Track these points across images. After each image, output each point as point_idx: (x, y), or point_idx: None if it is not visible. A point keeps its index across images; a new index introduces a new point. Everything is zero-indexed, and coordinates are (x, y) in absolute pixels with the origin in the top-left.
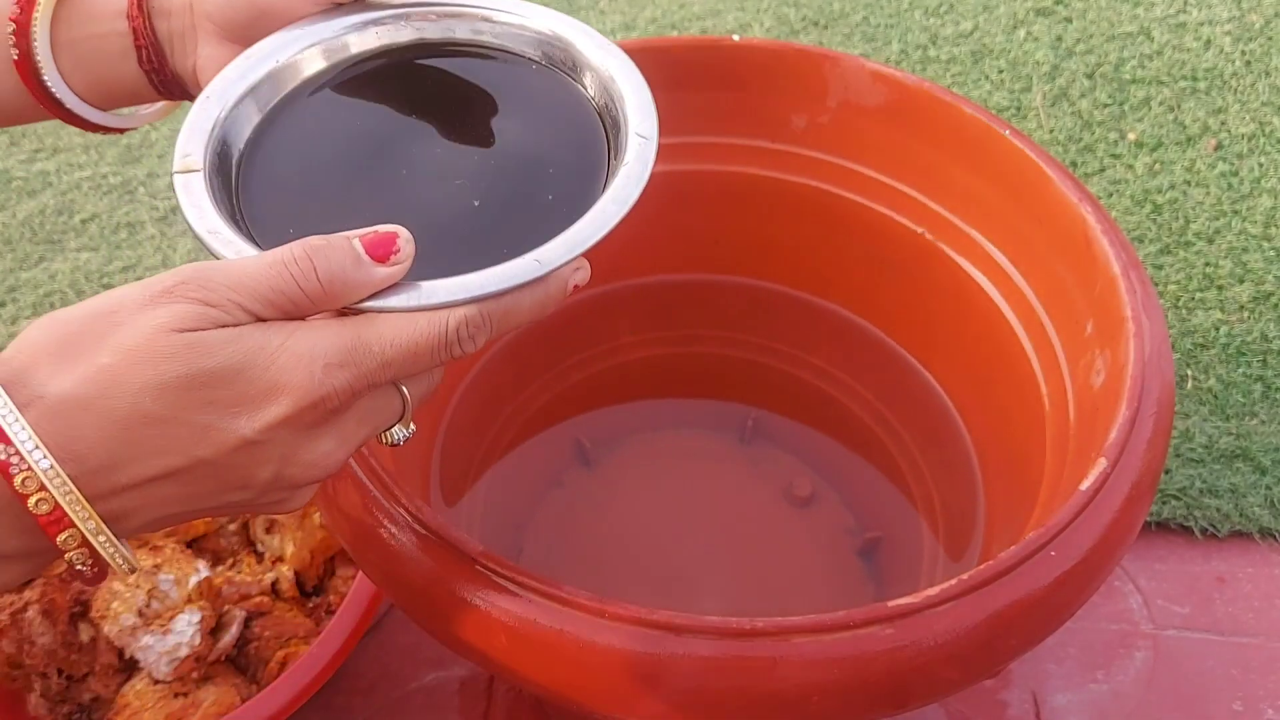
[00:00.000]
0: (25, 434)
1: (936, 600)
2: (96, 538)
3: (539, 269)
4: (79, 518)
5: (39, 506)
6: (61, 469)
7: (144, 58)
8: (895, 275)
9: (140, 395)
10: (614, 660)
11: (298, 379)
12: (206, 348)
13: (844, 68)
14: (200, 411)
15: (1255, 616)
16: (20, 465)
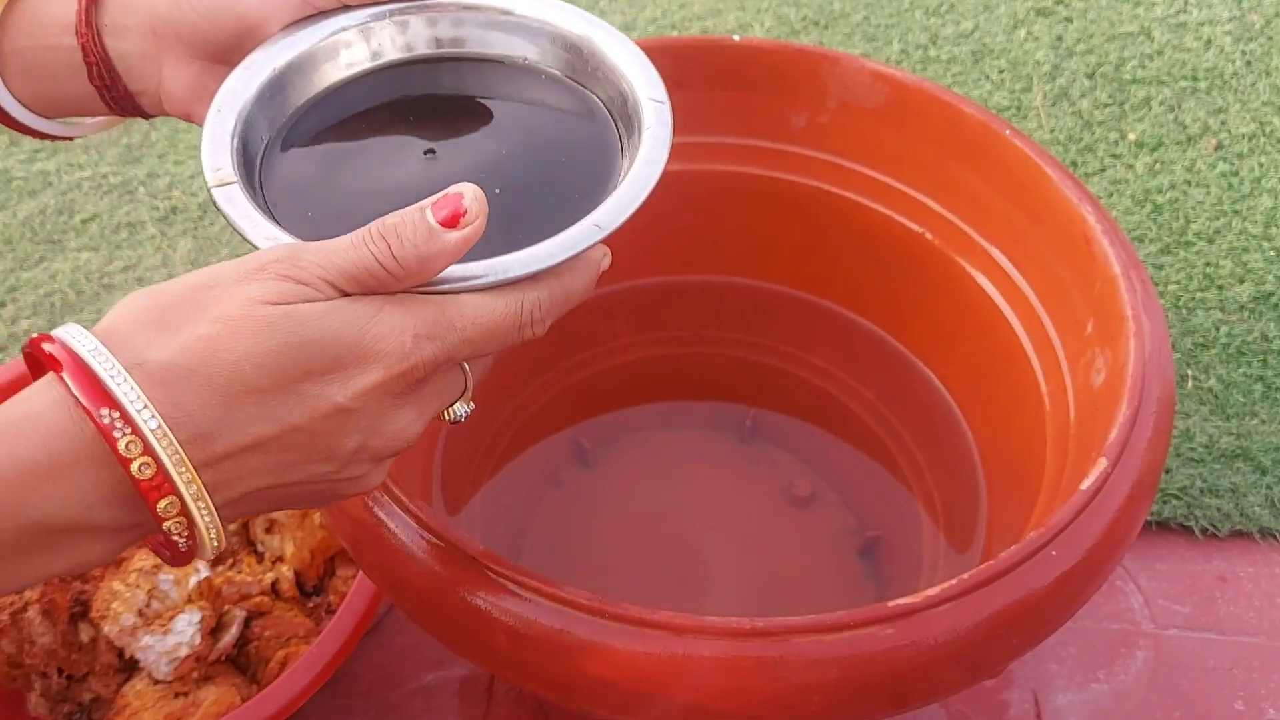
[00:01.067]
0: (134, 394)
1: (937, 600)
2: (196, 504)
3: (599, 232)
4: (182, 480)
5: (142, 471)
6: (169, 430)
7: (94, 74)
8: (895, 275)
9: (240, 363)
10: (613, 661)
11: (389, 347)
12: (303, 318)
13: (844, 67)
14: (297, 379)
15: (1256, 616)
16: (125, 429)
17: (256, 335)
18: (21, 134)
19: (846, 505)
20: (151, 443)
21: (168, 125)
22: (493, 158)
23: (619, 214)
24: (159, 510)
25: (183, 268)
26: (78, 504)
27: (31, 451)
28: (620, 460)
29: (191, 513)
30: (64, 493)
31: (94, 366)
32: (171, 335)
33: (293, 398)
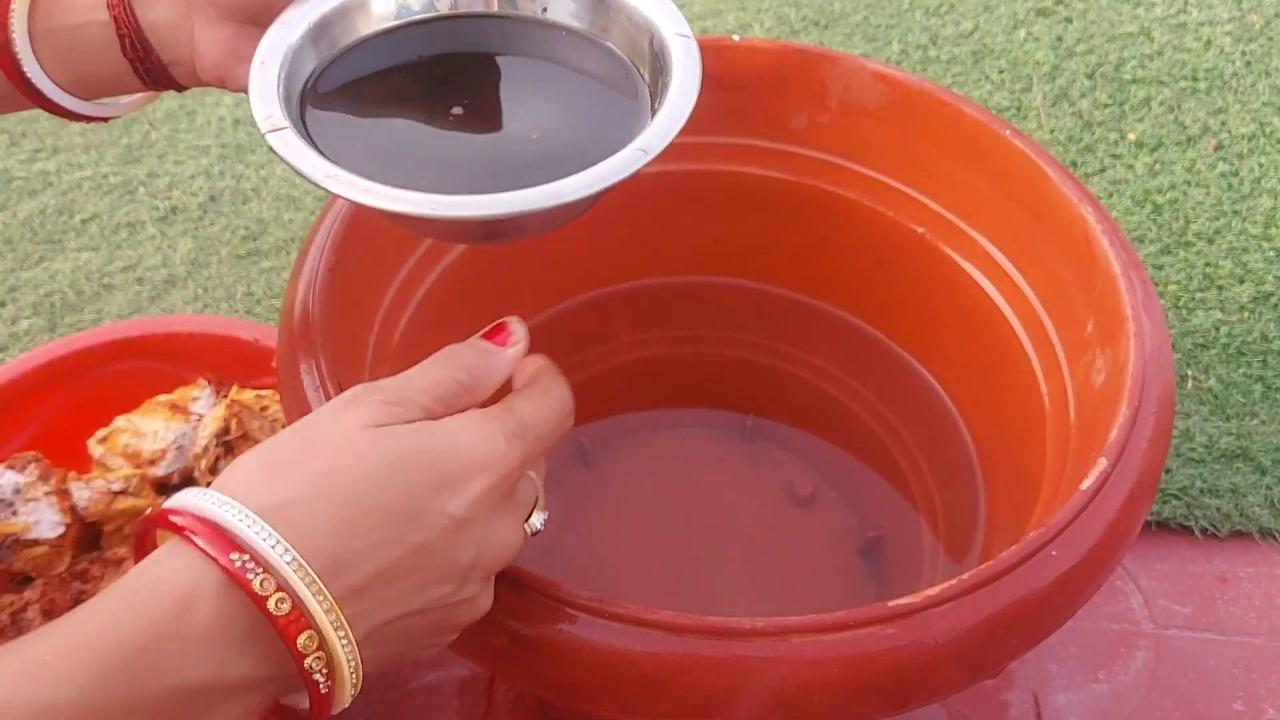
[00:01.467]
0: (264, 532)
1: (937, 600)
2: (337, 633)
3: (645, 156)
4: (321, 609)
5: (279, 606)
6: (303, 559)
7: (127, 48)
8: (895, 275)
9: (356, 485)
10: (614, 660)
11: (488, 452)
12: (406, 434)
13: (844, 68)
14: (412, 494)
15: (1256, 616)
16: (256, 569)
17: (363, 458)
18: (60, 117)
19: (847, 505)
20: (286, 576)
21: (168, 125)
22: (525, 107)
23: (661, 138)
24: (299, 646)
25: (183, 268)
26: (211, 662)
27: (160, 614)
28: (621, 460)
29: (332, 646)
30: (196, 651)
31: (217, 516)
32: (287, 476)
33: (412, 514)
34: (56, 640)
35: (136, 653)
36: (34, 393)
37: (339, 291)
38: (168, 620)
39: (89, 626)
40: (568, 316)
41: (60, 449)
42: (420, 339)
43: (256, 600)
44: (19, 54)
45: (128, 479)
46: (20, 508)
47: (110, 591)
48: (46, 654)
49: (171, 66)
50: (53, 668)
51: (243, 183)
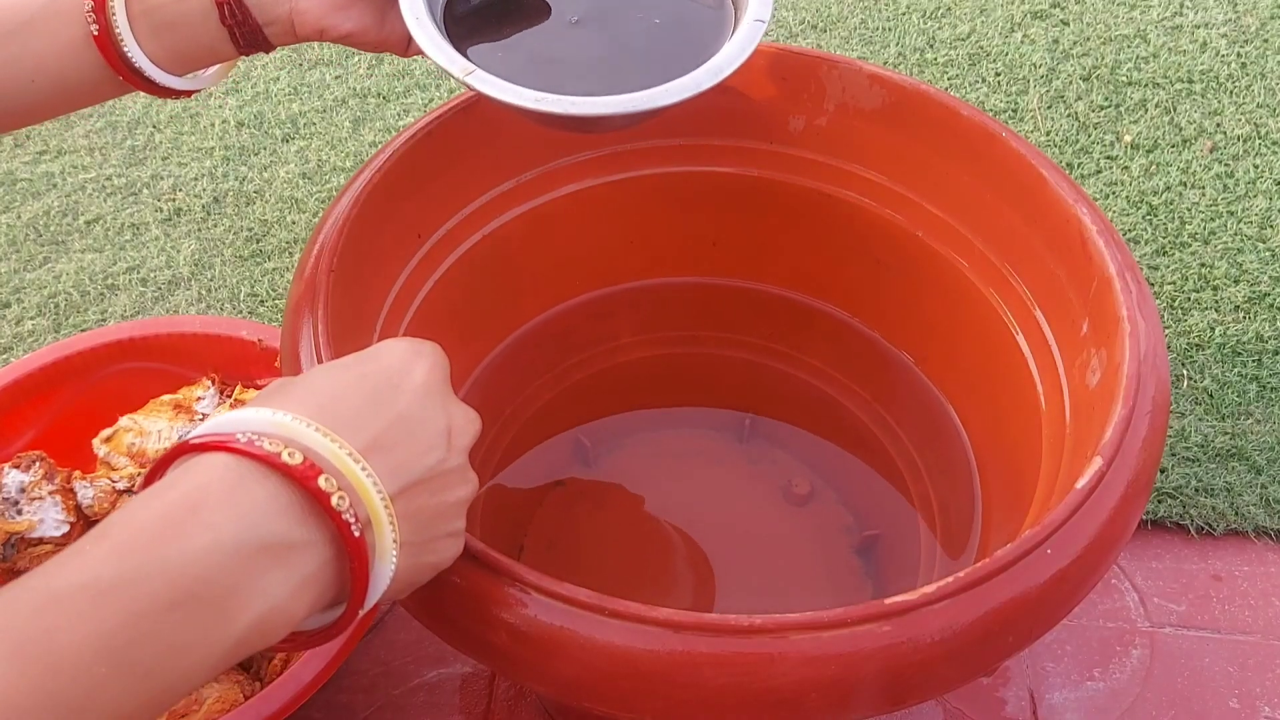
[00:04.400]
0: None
1: (933, 598)
2: (357, 466)
3: (762, 27)
4: (334, 446)
5: (291, 457)
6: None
7: (225, 15)
8: (892, 276)
9: (330, 378)
10: (614, 657)
11: (419, 344)
12: (350, 355)
13: (841, 70)
14: (379, 375)
15: (1251, 614)
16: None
17: (331, 366)
18: (153, 94)
19: (844, 504)
20: (291, 433)
21: (171, 128)
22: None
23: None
24: (320, 486)
25: (186, 269)
26: (241, 521)
27: (179, 496)
28: (621, 459)
29: (354, 478)
30: (224, 515)
31: (215, 427)
32: (268, 396)
33: (384, 388)
34: (86, 541)
35: (164, 526)
36: (39, 393)
37: (342, 292)
38: (189, 499)
39: (115, 523)
40: (568, 316)
41: (65, 448)
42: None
43: (268, 458)
44: (120, 35)
45: (132, 478)
46: (25, 506)
47: (131, 500)
48: (79, 547)
49: (267, 28)
50: (88, 553)
51: (246, 184)
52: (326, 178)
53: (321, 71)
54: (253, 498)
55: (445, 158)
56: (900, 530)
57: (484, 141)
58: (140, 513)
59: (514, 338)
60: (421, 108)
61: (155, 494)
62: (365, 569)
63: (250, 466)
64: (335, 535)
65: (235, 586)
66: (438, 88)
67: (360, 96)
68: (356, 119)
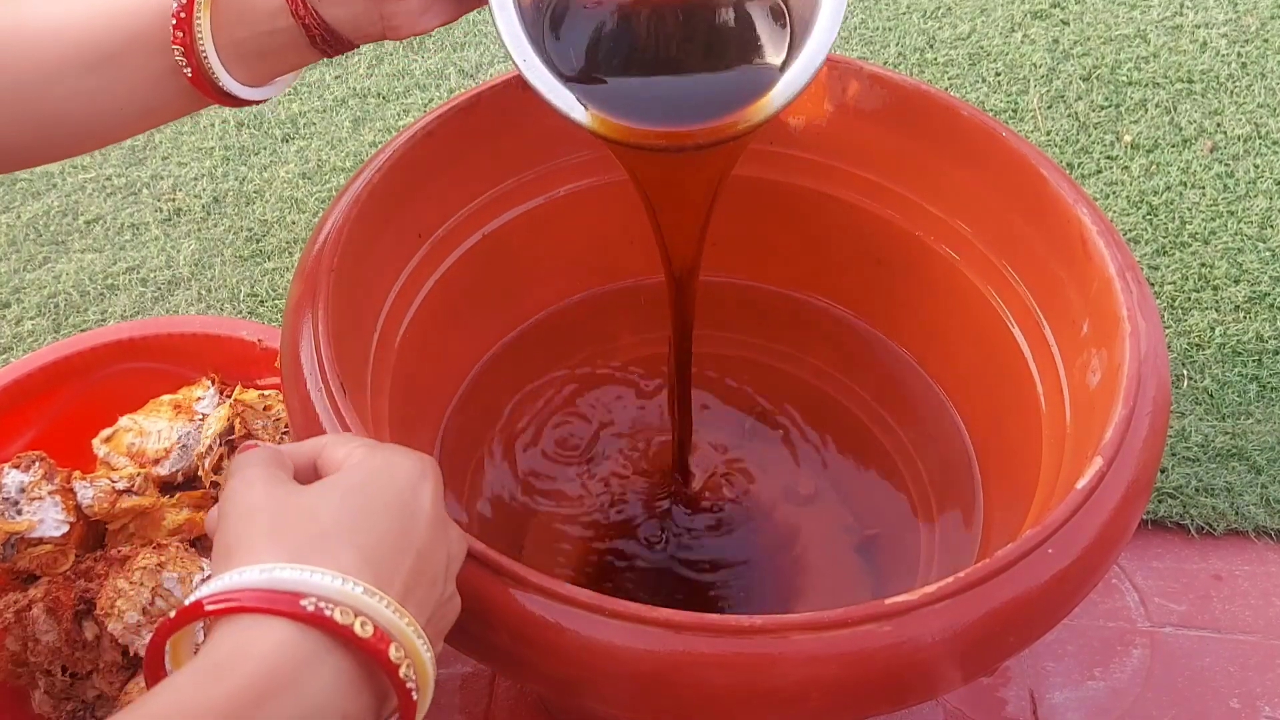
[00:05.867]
0: (315, 570)
1: (934, 598)
2: (416, 639)
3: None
4: (397, 617)
5: (364, 629)
6: (359, 579)
7: (317, 41)
8: (893, 276)
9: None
10: (614, 657)
11: (420, 459)
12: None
13: (842, 70)
14: (395, 500)
15: (1252, 614)
16: (327, 604)
17: (338, 487)
18: (232, 106)
19: (845, 504)
20: (356, 600)
21: (171, 127)
22: None
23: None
24: (391, 659)
25: (186, 269)
26: (312, 711)
27: (250, 680)
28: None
29: (415, 651)
30: (294, 705)
31: (260, 582)
32: (285, 532)
33: (405, 515)
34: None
35: (226, 716)
36: (39, 393)
37: (342, 292)
38: (255, 686)
39: (166, 701)
40: (568, 315)
41: (65, 448)
42: (423, 338)
43: (341, 631)
44: (215, 74)
45: (132, 478)
46: (25, 506)
47: (180, 674)
48: None
49: (357, 41)
50: None
51: (246, 184)
52: (326, 178)
53: (321, 71)
54: (322, 681)
55: (445, 158)
56: (901, 530)
57: (484, 141)
58: (201, 698)
59: (513, 336)
60: (421, 108)
61: (213, 671)
62: (414, 716)
63: (318, 640)
64: (390, 693)
65: None
66: (438, 88)
67: (360, 96)
68: (356, 119)
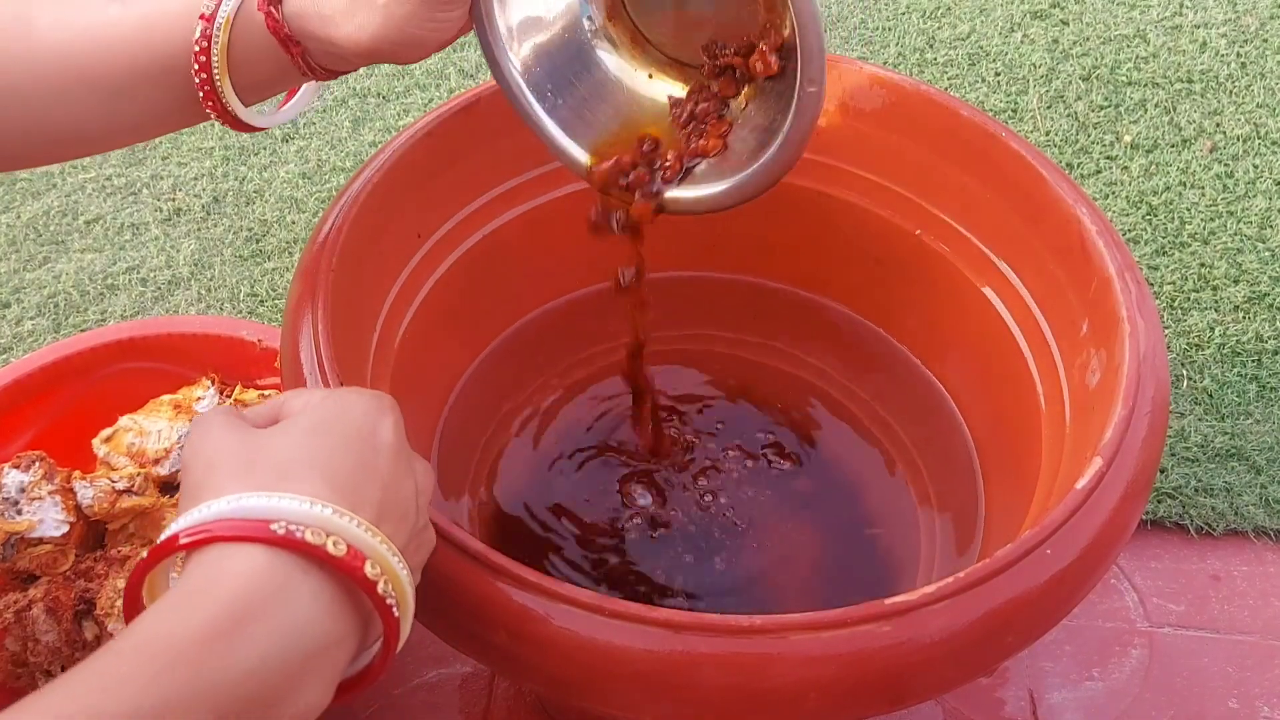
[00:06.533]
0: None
1: (933, 598)
2: (387, 551)
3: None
4: (369, 535)
5: (336, 548)
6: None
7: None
8: (893, 276)
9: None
10: (613, 657)
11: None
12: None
13: (841, 71)
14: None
15: (1250, 614)
16: (297, 526)
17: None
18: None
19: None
20: (327, 520)
21: None
22: None
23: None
24: (368, 575)
25: (186, 269)
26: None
27: (223, 605)
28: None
29: (389, 566)
30: (273, 626)
31: (228, 511)
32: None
33: (366, 442)
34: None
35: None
36: (38, 392)
37: (342, 292)
38: (232, 611)
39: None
40: (568, 313)
41: (65, 448)
42: (422, 337)
43: (313, 551)
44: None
45: (132, 478)
46: (25, 506)
47: (157, 606)
48: (115, 667)
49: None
50: (125, 676)
51: (246, 184)
52: (326, 178)
53: None
54: (300, 602)
55: (445, 158)
56: (900, 529)
57: (484, 141)
58: (178, 627)
59: (512, 334)
60: (421, 108)
61: (189, 600)
62: (397, 637)
63: (292, 562)
64: (373, 616)
65: (280, 699)
66: (437, 88)
67: (360, 96)
68: (356, 119)
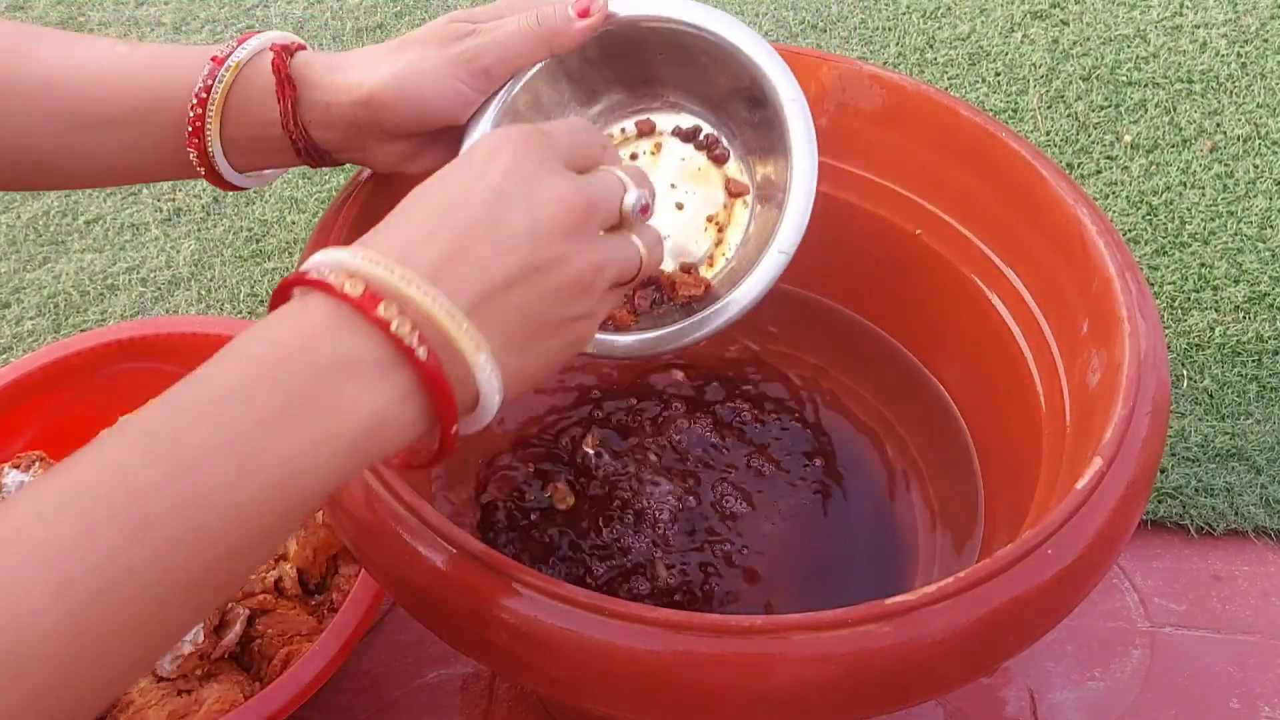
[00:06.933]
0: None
1: (934, 598)
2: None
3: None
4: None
5: (353, 288)
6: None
7: (301, 153)
8: (893, 276)
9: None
10: (614, 658)
11: (504, 133)
12: None
13: (842, 70)
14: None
15: (1251, 614)
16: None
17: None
18: (225, 189)
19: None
20: (354, 264)
21: None
22: None
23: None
24: (379, 314)
25: (186, 269)
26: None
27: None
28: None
29: (420, 304)
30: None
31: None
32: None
33: (456, 201)
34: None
35: (270, 355)
36: (38, 392)
37: None
38: (299, 333)
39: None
40: None
41: (64, 449)
42: None
43: (329, 289)
44: (215, 160)
45: None
46: None
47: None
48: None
49: (341, 159)
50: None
51: None
52: (326, 178)
53: None
54: (328, 347)
55: None
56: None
57: None
58: (249, 347)
59: None
60: None
61: (256, 330)
62: (445, 386)
63: (320, 300)
64: (400, 354)
65: (336, 395)
66: None
67: None
68: None
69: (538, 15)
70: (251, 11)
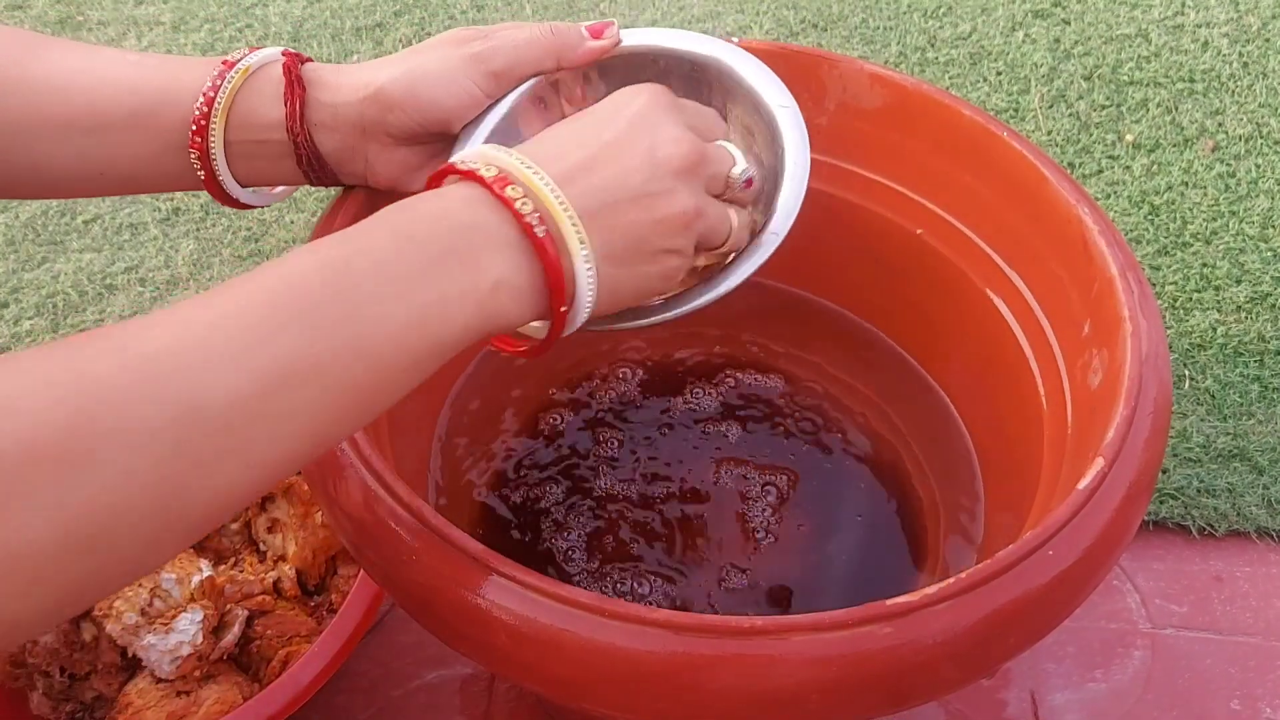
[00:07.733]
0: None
1: (934, 599)
2: (540, 181)
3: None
4: (521, 165)
5: (488, 170)
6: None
7: (303, 160)
8: (894, 276)
9: None
10: (614, 658)
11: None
12: None
13: (842, 70)
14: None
15: (1253, 615)
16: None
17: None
18: (228, 205)
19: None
20: (494, 156)
21: None
22: None
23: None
24: (506, 194)
25: (185, 269)
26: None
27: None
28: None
29: (539, 193)
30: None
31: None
32: None
33: (594, 125)
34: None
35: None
36: None
37: None
38: (434, 205)
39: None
40: None
41: None
42: None
43: (470, 175)
44: (218, 170)
45: None
46: None
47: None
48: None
49: (341, 175)
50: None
51: None
52: None
53: None
54: (472, 205)
55: None
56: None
57: None
58: (398, 214)
59: None
60: None
61: (402, 204)
62: (555, 263)
63: (463, 185)
64: (522, 231)
65: (475, 253)
66: None
67: None
68: None
69: (551, 27)
70: (250, 10)
